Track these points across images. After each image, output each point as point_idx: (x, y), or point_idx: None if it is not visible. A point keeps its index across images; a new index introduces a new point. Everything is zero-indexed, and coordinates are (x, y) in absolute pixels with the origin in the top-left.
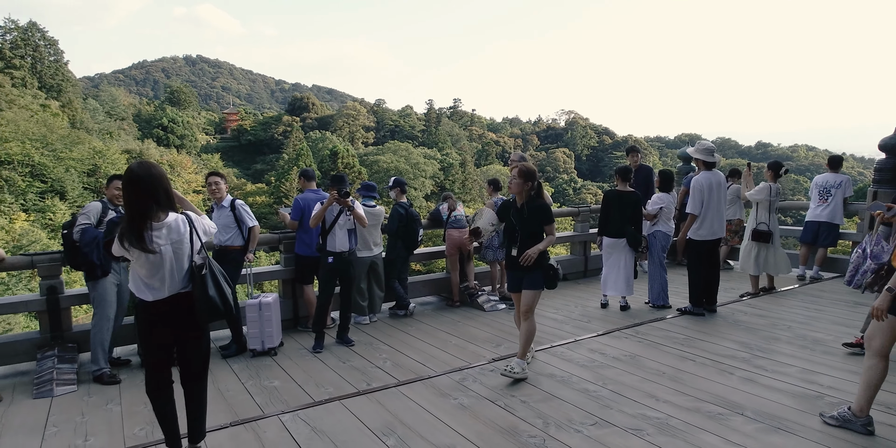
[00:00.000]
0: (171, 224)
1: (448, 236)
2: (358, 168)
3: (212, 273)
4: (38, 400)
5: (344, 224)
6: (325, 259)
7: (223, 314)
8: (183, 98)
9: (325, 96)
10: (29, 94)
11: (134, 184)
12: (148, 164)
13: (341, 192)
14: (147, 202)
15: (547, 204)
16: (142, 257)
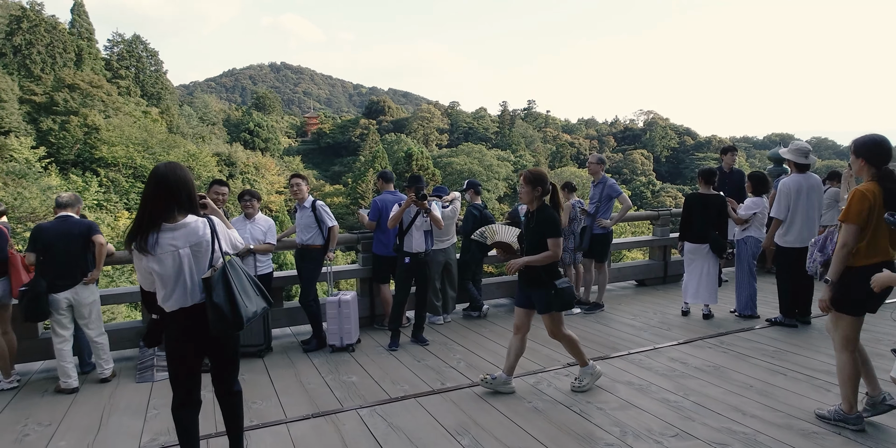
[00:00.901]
0: (191, 225)
1: None
2: (432, 170)
3: (225, 280)
4: (141, 384)
5: (421, 225)
6: (401, 259)
7: (230, 324)
8: (268, 103)
9: (401, 99)
10: (132, 102)
11: (156, 182)
12: (175, 166)
13: (419, 194)
14: (166, 202)
15: (552, 215)
16: (154, 262)
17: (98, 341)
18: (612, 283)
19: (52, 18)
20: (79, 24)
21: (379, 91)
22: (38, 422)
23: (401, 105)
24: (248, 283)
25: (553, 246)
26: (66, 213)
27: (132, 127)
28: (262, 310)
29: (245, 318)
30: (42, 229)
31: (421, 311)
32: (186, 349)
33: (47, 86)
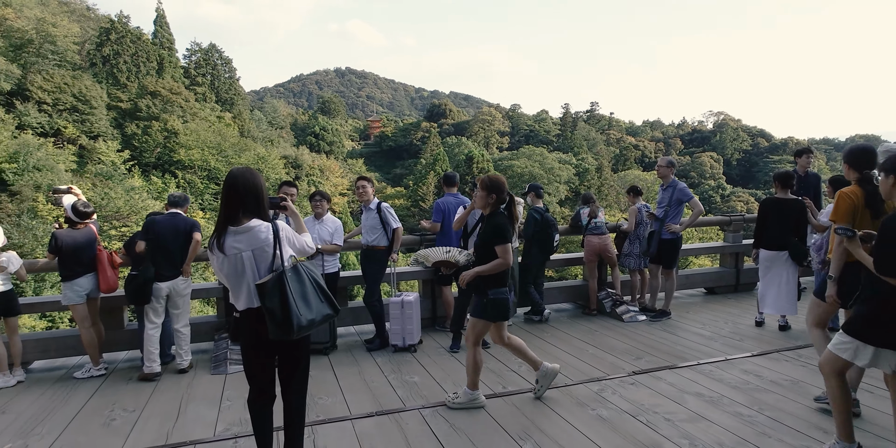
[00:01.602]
0: (254, 229)
1: (587, 242)
2: (493, 173)
3: (280, 285)
4: (215, 376)
5: None
6: None
7: (281, 329)
8: (333, 107)
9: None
10: (208, 108)
11: (227, 186)
12: (246, 170)
13: None
14: (234, 206)
15: (500, 222)
16: (223, 262)
17: (182, 332)
18: (680, 291)
19: (137, 30)
20: (161, 35)
21: (440, 94)
22: (123, 407)
23: (462, 108)
24: (311, 289)
25: (502, 253)
26: (175, 211)
27: (207, 131)
28: (323, 317)
29: (296, 325)
30: (155, 222)
31: (459, 313)
32: (258, 349)
33: (132, 93)
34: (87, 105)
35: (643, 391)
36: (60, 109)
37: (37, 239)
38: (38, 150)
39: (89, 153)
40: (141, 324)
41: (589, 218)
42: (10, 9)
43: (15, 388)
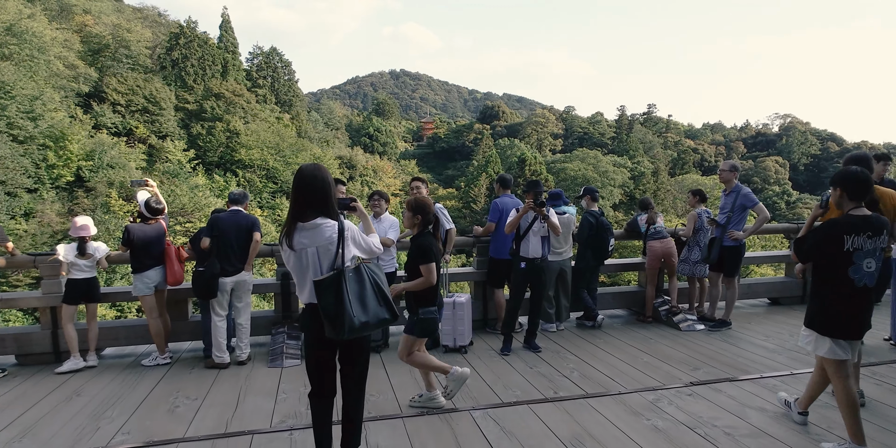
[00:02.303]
0: (320, 227)
1: (650, 248)
2: (545, 175)
3: (337, 285)
4: (272, 369)
5: (538, 231)
6: (517, 264)
7: (333, 329)
8: (387, 109)
9: (515, 104)
10: (268, 109)
11: (297, 183)
12: (316, 167)
13: (538, 200)
14: (303, 202)
15: (426, 242)
16: (290, 257)
17: (244, 325)
18: (741, 300)
19: (204, 34)
20: (225, 39)
21: (493, 96)
22: (186, 395)
23: (515, 110)
24: (371, 292)
25: (425, 272)
26: (236, 208)
27: (267, 132)
28: (378, 321)
29: (347, 326)
30: (219, 219)
31: (535, 317)
32: (318, 343)
33: (198, 95)
34: (156, 106)
35: (701, 403)
36: (133, 110)
37: (108, 232)
38: (111, 148)
39: (158, 152)
40: (205, 316)
41: (647, 224)
42: (90, 15)
43: (89, 373)
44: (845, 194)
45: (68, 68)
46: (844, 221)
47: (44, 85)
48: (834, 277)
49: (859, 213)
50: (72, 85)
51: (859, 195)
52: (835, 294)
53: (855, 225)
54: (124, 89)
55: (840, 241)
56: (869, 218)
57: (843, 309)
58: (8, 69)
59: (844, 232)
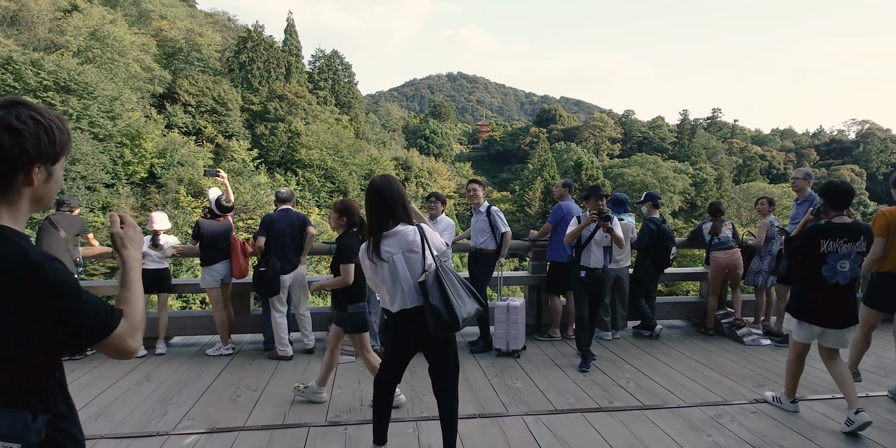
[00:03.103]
0: (402, 233)
1: (713, 259)
2: (601, 180)
3: (440, 283)
4: None
5: (600, 240)
6: (576, 273)
7: (447, 325)
8: (443, 111)
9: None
10: (328, 110)
11: (376, 195)
12: (389, 179)
13: (602, 214)
14: (384, 212)
15: (346, 243)
16: (379, 268)
17: (305, 315)
18: None
19: (270, 38)
20: (290, 43)
21: (550, 99)
22: (247, 386)
23: (572, 113)
24: (459, 286)
25: (343, 272)
26: (285, 206)
27: (326, 133)
28: (475, 311)
29: (461, 318)
30: (273, 219)
31: (591, 326)
32: (405, 346)
33: (262, 96)
34: (224, 107)
35: (766, 421)
36: (202, 111)
37: (177, 227)
38: (182, 147)
39: (224, 151)
40: (266, 310)
41: (711, 235)
42: (166, 21)
43: (159, 359)
44: (827, 204)
45: (145, 71)
46: (825, 227)
47: (122, 86)
48: (810, 273)
49: (839, 221)
50: (147, 86)
51: (840, 205)
52: (809, 287)
53: (833, 231)
54: (195, 91)
55: (817, 244)
56: (847, 225)
57: (816, 300)
58: (91, 71)
59: (822, 236)
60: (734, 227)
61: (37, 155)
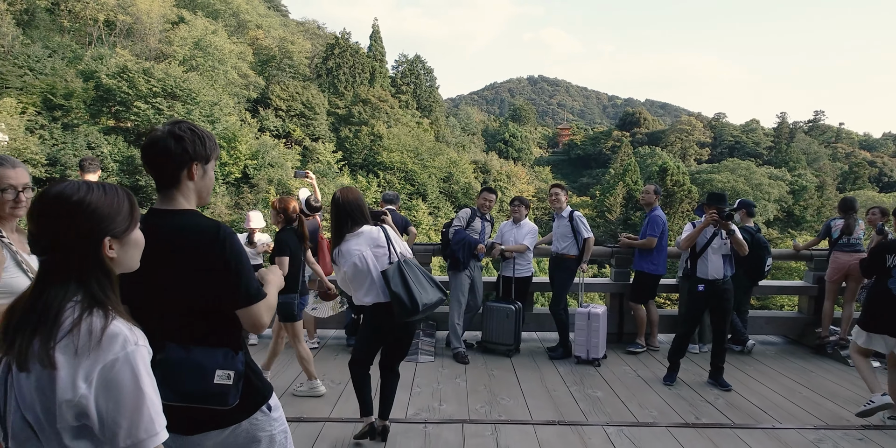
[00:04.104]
0: (366, 232)
1: (834, 259)
2: (688, 186)
3: (401, 272)
4: (407, 363)
5: (719, 248)
6: (694, 286)
7: (409, 310)
8: (523, 115)
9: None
10: (409, 114)
11: (336, 206)
12: (347, 190)
13: (723, 213)
14: (345, 218)
15: (280, 238)
16: (349, 267)
17: None
18: None
19: (356, 44)
20: (374, 48)
21: (635, 102)
22: (331, 379)
23: (658, 117)
24: (423, 277)
25: (278, 264)
26: (391, 207)
27: (407, 136)
28: (437, 300)
29: (421, 303)
30: None
31: (720, 349)
32: (379, 336)
33: (347, 100)
34: (312, 111)
35: None
36: (291, 115)
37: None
38: (272, 149)
39: (310, 153)
40: (350, 308)
41: (841, 233)
42: (261, 30)
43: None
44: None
45: (241, 77)
46: (889, 244)
47: (221, 92)
48: (878, 287)
49: None
50: (243, 92)
51: None
52: (878, 299)
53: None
54: (286, 96)
55: (883, 260)
56: None
57: (883, 310)
58: (194, 78)
59: (887, 252)
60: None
61: (193, 155)
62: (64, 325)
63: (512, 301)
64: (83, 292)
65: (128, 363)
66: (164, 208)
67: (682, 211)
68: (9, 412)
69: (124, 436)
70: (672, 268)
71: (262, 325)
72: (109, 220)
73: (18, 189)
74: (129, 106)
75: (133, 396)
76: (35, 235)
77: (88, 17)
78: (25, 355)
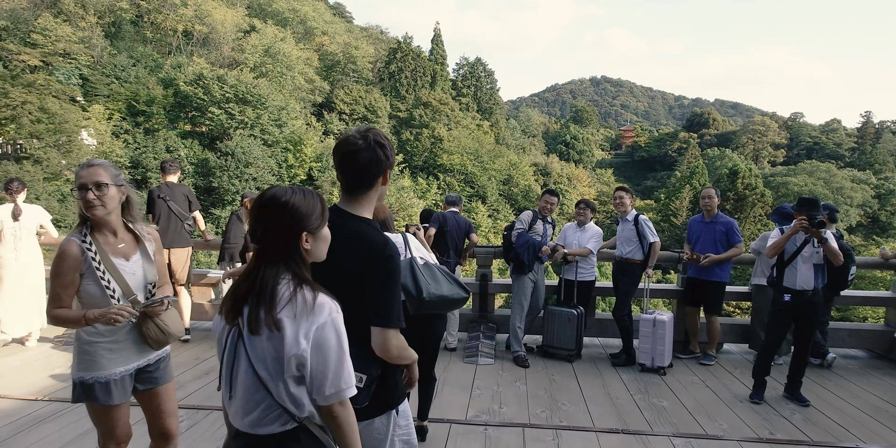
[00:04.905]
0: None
1: None
2: (760, 190)
3: (411, 267)
4: (467, 364)
5: (810, 257)
6: (779, 296)
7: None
8: (585, 116)
9: (729, 111)
10: (469, 117)
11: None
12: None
13: (814, 220)
14: None
15: None
16: None
17: (454, 314)
18: None
19: (418, 48)
20: (436, 52)
21: (703, 102)
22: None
23: (728, 117)
24: (440, 274)
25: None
26: (454, 209)
27: (467, 138)
28: (454, 294)
29: (426, 292)
30: (445, 217)
31: (801, 362)
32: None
33: (408, 104)
34: (374, 115)
35: None
36: (355, 118)
37: None
38: None
39: None
40: None
41: None
42: (327, 37)
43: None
44: None
45: (307, 82)
46: None
47: (288, 97)
48: None
49: None
50: (309, 96)
51: None
52: None
53: None
54: (349, 100)
55: None
56: None
57: None
58: (264, 84)
59: None
60: None
61: (388, 161)
62: (283, 297)
63: (574, 305)
64: (290, 272)
65: (333, 326)
66: (348, 211)
67: (754, 215)
68: (238, 371)
69: (329, 385)
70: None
71: (387, 351)
72: (307, 217)
73: (89, 186)
74: (204, 111)
75: (337, 354)
76: (253, 227)
77: (169, 27)
78: (256, 322)
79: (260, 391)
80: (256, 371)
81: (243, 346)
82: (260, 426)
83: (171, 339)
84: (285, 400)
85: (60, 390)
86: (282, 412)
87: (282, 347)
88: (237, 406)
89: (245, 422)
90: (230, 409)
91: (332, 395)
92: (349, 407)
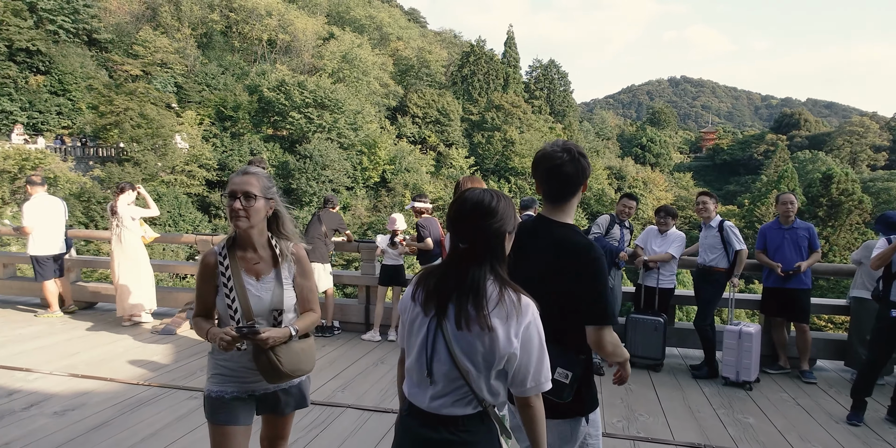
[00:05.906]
0: None
1: None
2: (858, 196)
3: None
4: None
5: None
6: (886, 311)
7: None
8: (663, 118)
9: (822, 111)
10: (542, 119)
11: None
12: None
13: None
14: None
15: None
16: None
17: None
18: None
19: (490, 51)
20: (508, 55)
21: (793, 102)
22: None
23: (822, 117)
24: None
25: None
26: (528, 213)
27: (539, 141)
28: None
29: None
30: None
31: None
32: None
33: (481, 107)
34: (446, 118)
35: None
36: (427, 121)
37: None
38: (409, 155)
39: (444, 158)
40: None
41: None
42: (402, 42)
43: (390, 345)
44: None
45: (382, 87)
46: None
47: (364, 101)
48: None
49: None
50: (383, 100)
51: None
52: None
53: None
54: (422, 103)
55: None
56: None
57: None
58: (341, 89)
59: None
60: None
61: (589, 170)
62: (491, 297)
63: (658, 313)
64: (493, 273)
65: (536, 325)
66: (553, 218)
67: (851, 223)
68: (436, 359)
69: (531, 379)
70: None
71: (602, 348)
72: (509, 220)
73: (238, 195)
74: (286, 116)
75: (539, 350)
76: (459, 231)
77: (254, 37)
78: (467, 319)
79: (460, 380)
80: (457, 362)
81: (442, 337)
82: (447, 408)
83: (284, 377)
84: (483, 389)
85: (157, 376)
86: (472, 398)
87: (492, 345)
88: (434, 391)
89: (434, 403)
90: (415, 389)
91: (532, 388)
92: (541, 399)
